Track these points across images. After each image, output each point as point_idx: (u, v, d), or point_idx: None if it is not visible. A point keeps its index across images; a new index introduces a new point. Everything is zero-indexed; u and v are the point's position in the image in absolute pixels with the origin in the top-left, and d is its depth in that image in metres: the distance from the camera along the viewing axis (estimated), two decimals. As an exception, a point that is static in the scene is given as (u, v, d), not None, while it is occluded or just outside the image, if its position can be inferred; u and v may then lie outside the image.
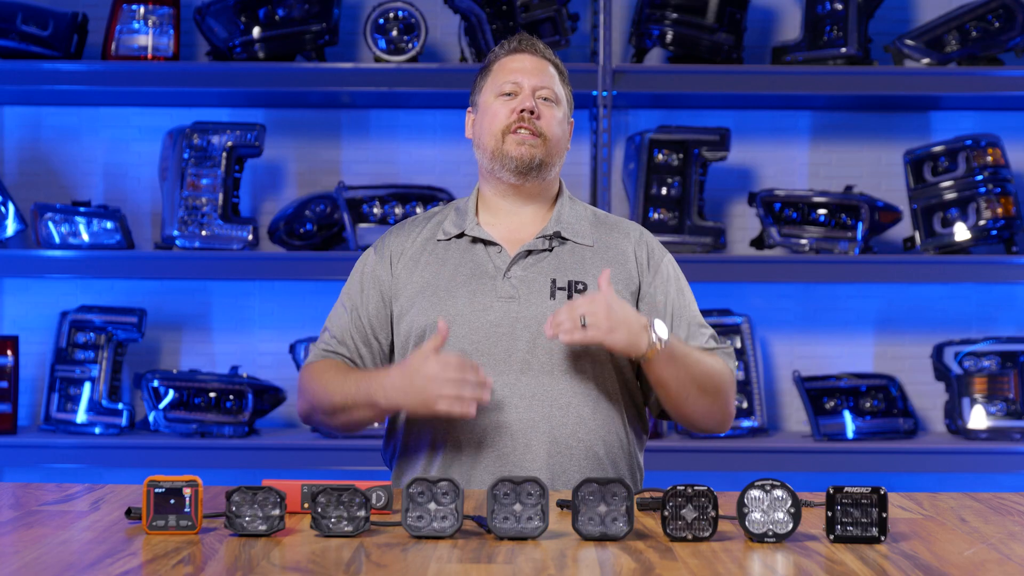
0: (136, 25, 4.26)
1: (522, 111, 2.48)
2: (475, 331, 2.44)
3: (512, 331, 2.43)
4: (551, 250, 2.50)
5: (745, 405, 4.28)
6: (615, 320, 2.29)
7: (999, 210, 4.22)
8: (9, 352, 4.23)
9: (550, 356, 2.42)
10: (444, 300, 2.47)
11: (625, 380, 2.49)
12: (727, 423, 2.52)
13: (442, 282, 2.49)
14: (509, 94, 2.51)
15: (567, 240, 2.52)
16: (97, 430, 4.23)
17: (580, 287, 2.47)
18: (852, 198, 4.28)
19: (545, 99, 2.51)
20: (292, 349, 4.30)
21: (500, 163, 2.50)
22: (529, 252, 2.50)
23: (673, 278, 2.54)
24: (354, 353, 2.54)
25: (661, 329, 2.34)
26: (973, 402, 4.27)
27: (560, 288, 2.46)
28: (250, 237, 4.23)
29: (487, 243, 2.51)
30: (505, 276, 2.47)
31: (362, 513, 1.97)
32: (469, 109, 2.61)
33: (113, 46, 4.26)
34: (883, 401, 4.29)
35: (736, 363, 2.52)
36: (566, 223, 2.53)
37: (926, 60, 4.30)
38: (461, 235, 2.53)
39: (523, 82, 2.51)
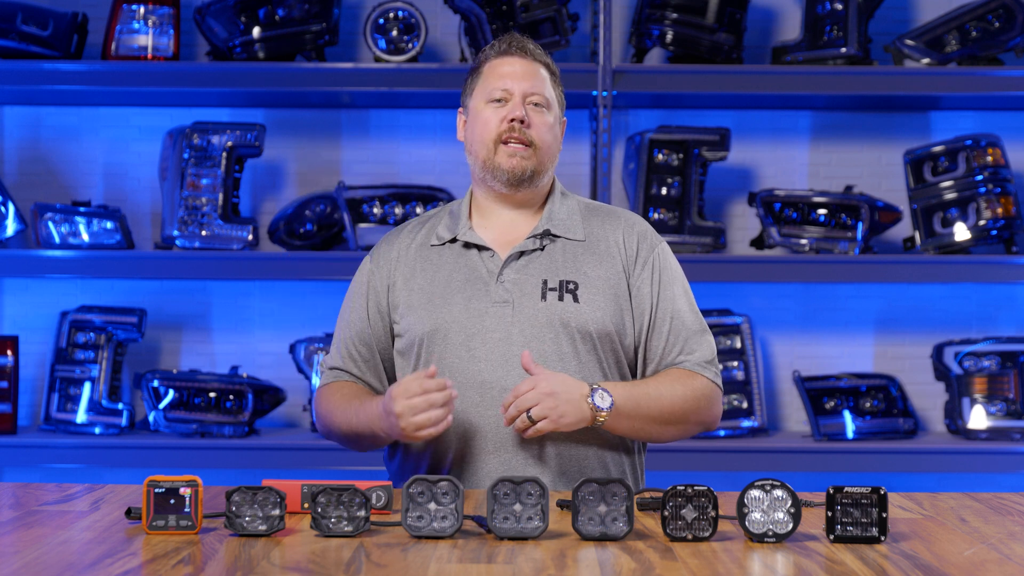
0: (136, 25, 4.26)
1: (512, 120, 2.45)
2: (471, 337, 2.43)
3: (508, 336, 2.43)
4: (543, 249, 2.49)
5: (745, 405, 4.27)
6: (560, 403, 2.30)
7: (999, 210, 4.22)
8: (9, 352, 4.23)
9: (545, 361, 2.41)
10: (440, 307, 2.46)
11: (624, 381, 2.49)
12: (711, 429, 2.54)
13: (437, 289, 2.48)
14: (499, 100, 2.47)
15: (558, 237, 2.51)
16: (97, 430, 4.22)
17: (571, 286, 2.46)
18: (852, 198, 4.28)
19: (536, 104, 2.47)
20: (292, 349, 4.30)
21: (492, 174, 2.48)
22: (521, 253, 2.49)
23: (663, 269, 2.51)
24: (360, 364, 2.54)
25: (602, 400, 2.34)
26: (973, 402, 4.26)
27: (551, 289, 2.45)
28: (250, 237, 4.23)
29: (480, 248, 2.50)
30: (498, 280, 2.46)
31: (362, 513, 1.97)
32: (460, 110, 2.59)
33: (113, 46, 4.26)
34: (883, 401, 4.29)
35: (718, 368, 2.51)
36: (557, 220, 2.52)
37: (926, 60, 4.30)
38: (454, 240, 2.52)
39: (513, 88, 2.47)
